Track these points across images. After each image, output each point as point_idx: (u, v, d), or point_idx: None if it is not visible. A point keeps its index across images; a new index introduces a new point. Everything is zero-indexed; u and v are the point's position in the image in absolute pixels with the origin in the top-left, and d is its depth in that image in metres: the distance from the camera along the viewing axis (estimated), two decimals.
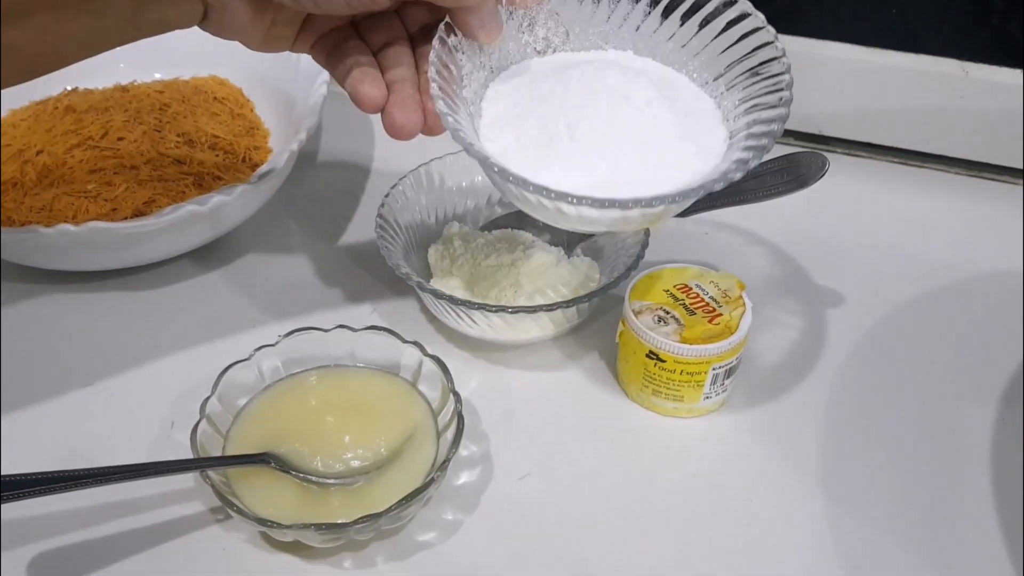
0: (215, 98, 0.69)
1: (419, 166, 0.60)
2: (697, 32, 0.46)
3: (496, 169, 0.40)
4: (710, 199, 0.55)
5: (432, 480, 0.45)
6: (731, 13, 0.45)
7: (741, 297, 0.52)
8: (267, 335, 0.52)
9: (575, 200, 0.39)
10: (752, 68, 0.44)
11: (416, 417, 0.49)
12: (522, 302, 0.55)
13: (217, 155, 0.65)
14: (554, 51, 0.48)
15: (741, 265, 0.60)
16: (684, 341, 0.49)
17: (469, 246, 0.59)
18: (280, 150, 0.63)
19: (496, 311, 0.52)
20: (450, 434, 0.47)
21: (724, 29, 0.45)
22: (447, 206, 0.62)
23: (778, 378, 0.55)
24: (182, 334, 0.58)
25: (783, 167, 0.53)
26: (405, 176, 0.60)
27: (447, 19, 0.44)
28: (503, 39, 0.46)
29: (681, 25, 0.47)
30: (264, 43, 0.46)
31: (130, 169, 0.62)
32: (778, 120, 0.41)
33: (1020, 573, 0.46)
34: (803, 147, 0.73)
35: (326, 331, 0.52)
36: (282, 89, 0.68)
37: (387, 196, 0.58)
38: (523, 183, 0.39)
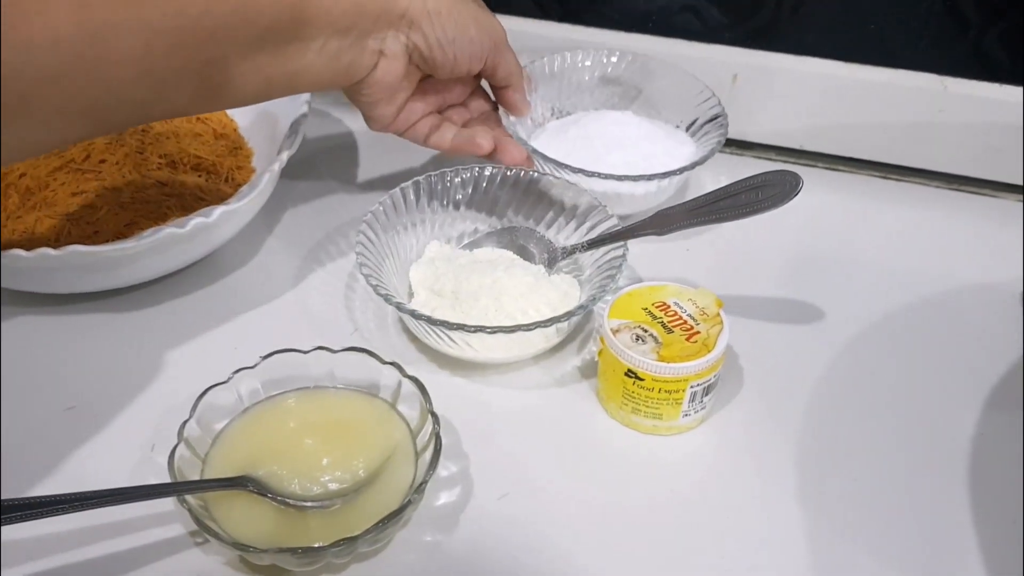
0: (198, 119, 0.69)
1: (399, 186, 0.60)
2: None
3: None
4: (688, 217, 0.56)
5: (409, 502, 0.45)
6: None
7: (719, 314, 0.52)
8: (247, 356, 0.52)
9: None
10: None
11: (395, 438, 0.49)
12: (502, 321, 0.55)
13: (200, 176, 0.65)
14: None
15: (719, 282, 0.60)
16: (662, 359, 0.50)
17: (450, 265, 0.59)
18: (262, 170, 0.63)
19: (475, 331, 0.52)
20: (428, 455, 0.47)
21: None
22: (428, 226, 0.62)
23: (757, 395, 0.55)
24: (163, 355, 0.58)
25: (757, 186, 0.54)
26: (386, 196, 0.60)
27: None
28: None
29: None
30: (396, 117, 0.61)
31: (112, 191, 0.62)
32: None
33: None
34: (784, 162, 0.74)
35: (305, 352, 0.52)
36: (265, 109, 0.69)
37: (368, 216, 0.58)
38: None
